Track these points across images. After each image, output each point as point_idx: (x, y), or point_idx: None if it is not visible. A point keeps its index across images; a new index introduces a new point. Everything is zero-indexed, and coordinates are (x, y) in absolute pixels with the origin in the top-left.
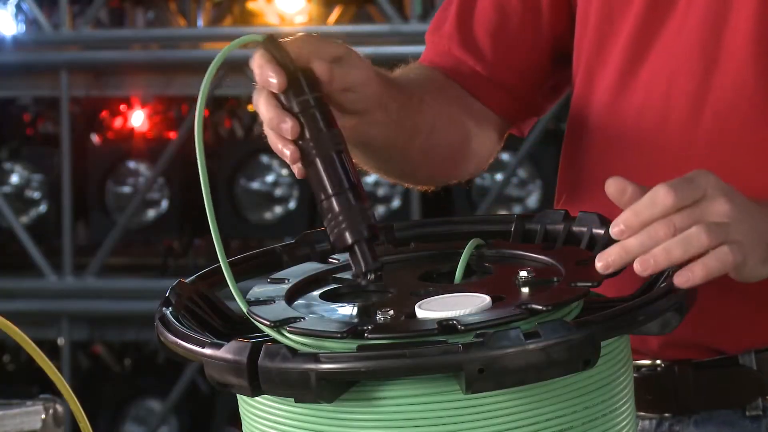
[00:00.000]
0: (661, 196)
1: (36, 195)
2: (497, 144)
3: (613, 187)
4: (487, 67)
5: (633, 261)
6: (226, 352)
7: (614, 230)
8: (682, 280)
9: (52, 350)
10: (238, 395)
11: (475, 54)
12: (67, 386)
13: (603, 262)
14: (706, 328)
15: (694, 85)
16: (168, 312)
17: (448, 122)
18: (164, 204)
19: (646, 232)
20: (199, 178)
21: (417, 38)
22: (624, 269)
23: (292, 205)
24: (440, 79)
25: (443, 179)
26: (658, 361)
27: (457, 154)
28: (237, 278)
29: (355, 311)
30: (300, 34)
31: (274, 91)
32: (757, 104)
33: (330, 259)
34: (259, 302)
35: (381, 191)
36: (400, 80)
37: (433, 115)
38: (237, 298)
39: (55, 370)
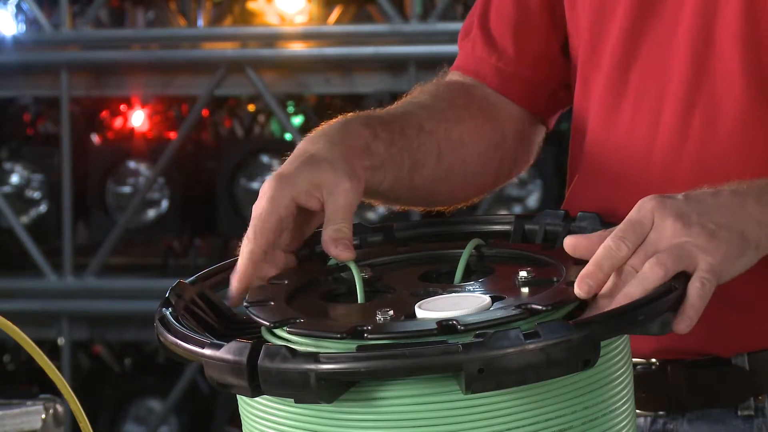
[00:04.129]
0: (613, 248)
1: (36, 195)
2: (534, 142)
3: (568, 245)
4: (510, 63)
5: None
6: (225, 352)
7: (582, 289)
8: (683, 327)
9: (52, 350)
10: (238, 395)
11: (497, 51)
12: (67, 386)
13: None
14: (699, 334)
15: (684, 88)
16: (168, 312)
17: (459, 144)
18: (164, 204)
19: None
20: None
21: (417, 38)
22: None
23: None
24: (459, 92)
25: (472, 195)
26: (653, 360)
27: (482, 168)
28: None
29: (354, 311)
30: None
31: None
32: (745, 106)
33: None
34: (258, 303)
35: None
36: (388, 114)
37: (437, 142)
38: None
39: (55, 370)
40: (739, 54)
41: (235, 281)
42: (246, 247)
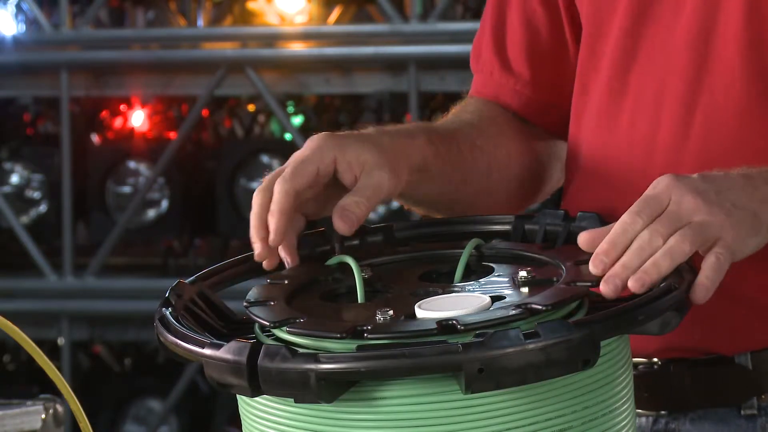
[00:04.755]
0: (629, 222)
1: (36, 195)
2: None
3: (583, 242)
4: (527, 85)
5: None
6: (225, 352)
7: (597, 267)
8: (700, 296)
9: (52, 350)
10: (238, 395)
11: (514, 75)
12: (67, 386)
13: (612, 285)
14: (703, 332)
15: (685, 88)
16: (168, 312)
17: (507, 161)
18: (164, 204)
19: (638, 245)
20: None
21: (417, 38)
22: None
23: None
24: (497, 111)
25: (511, 211)
26: (655, 359)
27: (526, 187)
28: (237, 279)
29: (354, 311)
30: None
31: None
32: (746, 105)
33: (330, 260)
34: (258, 303)
35: None
36: (446, 129)
37: (487, 159)
38: None
39: (55, 370)
40: (739, 53)
41: (274, 219)
42: (281, 186)
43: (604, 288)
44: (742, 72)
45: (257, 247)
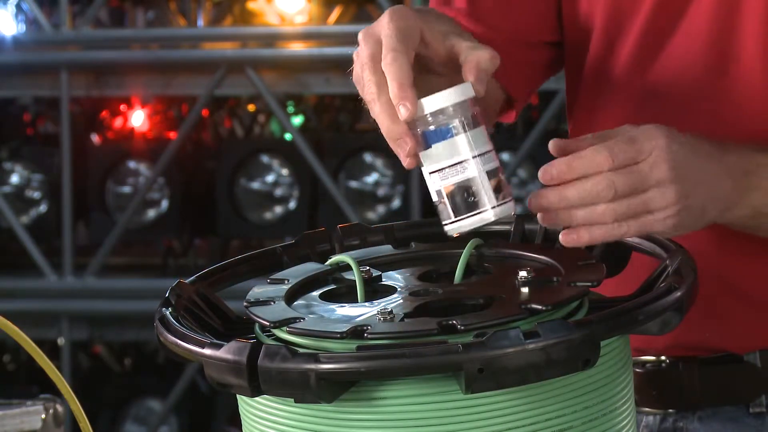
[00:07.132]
0: (599, 159)
1: (36, 195)
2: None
3: (553, 149)
4: (499, 38)
5: (564, 210)
6: (225, 352)
7: (544, 176)
8: (569, 239)
9: (52, 350)
10: (238, 395)
11: (487, 26)
12: (67, 386)
13: (537, 203)
14: (713, 330)
15: (707, 83)
16: (168, 312)
17: None
18: (164, 204)
19: (589, 187)
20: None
21: None
22: (624, 269)
23: (292, 205)
24: None
25: None
26: (663, 357)
27: None
28: (237, 279)
29: (354, 311)
30: None
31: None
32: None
33: (329, 259)
34: (258, 303)
35: (381, 191)
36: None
37: None
38: None
39: (55, 370)
40: (759, 51)
41: (399, 96)
42: (395, 60)
43: (540, 218)
44: (762, 69)
45: (403, 149)
